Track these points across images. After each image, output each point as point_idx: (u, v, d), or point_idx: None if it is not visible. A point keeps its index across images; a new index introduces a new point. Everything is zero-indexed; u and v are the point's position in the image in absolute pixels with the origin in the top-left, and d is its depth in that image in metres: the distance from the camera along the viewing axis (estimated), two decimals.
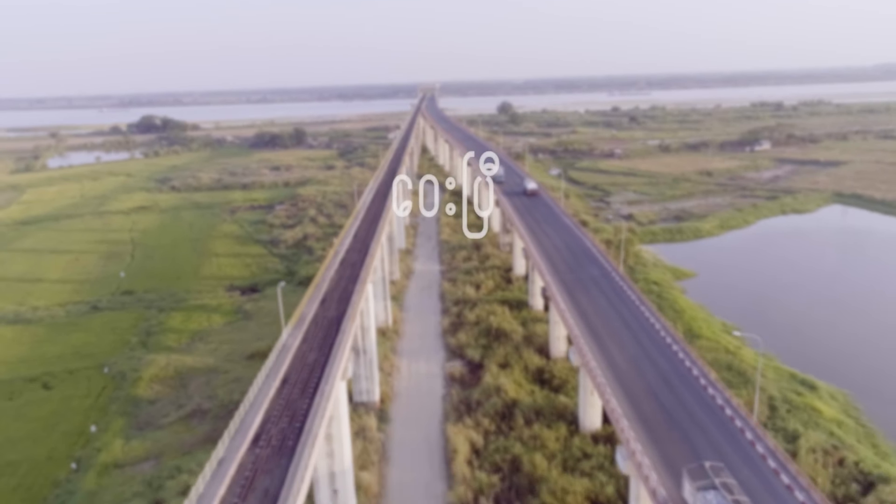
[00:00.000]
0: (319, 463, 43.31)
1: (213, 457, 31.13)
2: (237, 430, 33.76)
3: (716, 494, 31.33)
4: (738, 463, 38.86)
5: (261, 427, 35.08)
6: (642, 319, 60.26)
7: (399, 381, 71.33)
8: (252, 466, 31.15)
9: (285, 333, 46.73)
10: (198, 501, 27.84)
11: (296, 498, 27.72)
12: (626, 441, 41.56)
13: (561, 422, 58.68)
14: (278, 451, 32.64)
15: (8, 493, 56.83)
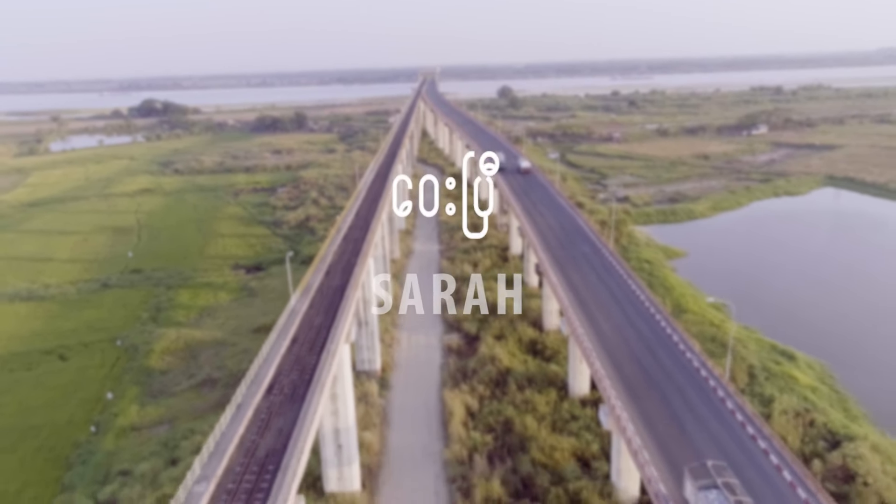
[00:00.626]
0: (325, 420, 46.94)
1: (232, 402, 34.77)
2: (253, 381, 37.41)
3: (718, 494, 30.67)
4: (709, 417, 42.53)
5: (274, 378, 38.71)
6: (629, 292, 63.71)
7: (399, 352, 74.94)
8: (267, 410, 34.78)
9: (294, 299, 50.22)
10: (221, 437, 31.43)
11: (306, 435, 31.32)
12: (608, 399, 45.18)
13: (551, 388, 62.31)
14: (290, 398, 36.24)
15: (32, 454, 60.63)
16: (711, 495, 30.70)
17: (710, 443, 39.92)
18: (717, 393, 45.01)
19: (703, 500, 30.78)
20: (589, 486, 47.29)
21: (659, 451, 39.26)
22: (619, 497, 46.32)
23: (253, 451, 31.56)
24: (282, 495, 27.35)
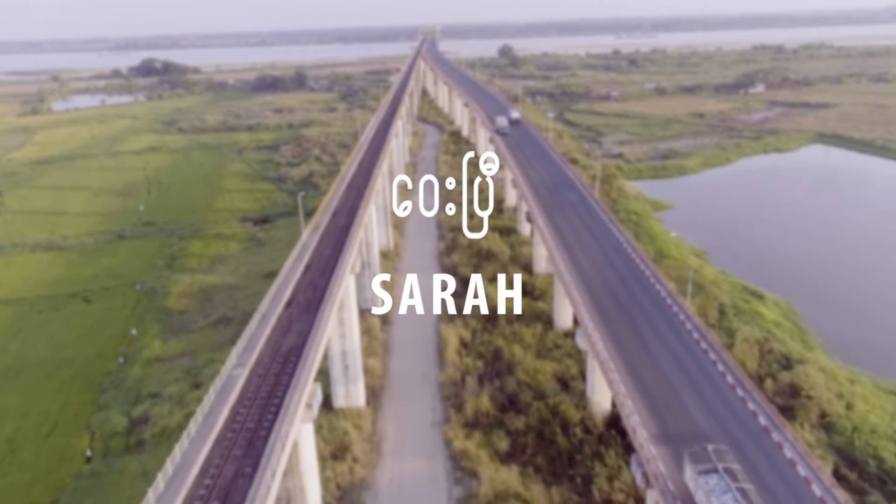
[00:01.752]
0: (333, 343, 53.07)
1: (258, 312, 40.70)
2: (274, 297, 43.34)
3: (718, 479, 29.69)
4: (669, 334, 48.57)
5: (292, 296, 44.66)
6: (609, 235, 69.30)
7: (400, 291, 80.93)
8: (287, 318, 40.77)
9: (305, 234, 55.88)
10: (251, 338, 37.42)
11: (321, 336, 37.28)
12: (583, 323, 51.11)
13: (538, 322, 68.44)
14: (306, 310, 42.18)
15: (68, 381, 67.15)
16: (712, 480, 29.59)
17: (669, 356, 45.97)
18: (679, 317, 50.96)
19: (703, 485, 29.63)
20: (567, 401, 53.61)
21: (624, 364, 45.27)
22: (593, 409, 52.64)
23: (277, 347, 37.58)
24: (302, 378, 33.39)
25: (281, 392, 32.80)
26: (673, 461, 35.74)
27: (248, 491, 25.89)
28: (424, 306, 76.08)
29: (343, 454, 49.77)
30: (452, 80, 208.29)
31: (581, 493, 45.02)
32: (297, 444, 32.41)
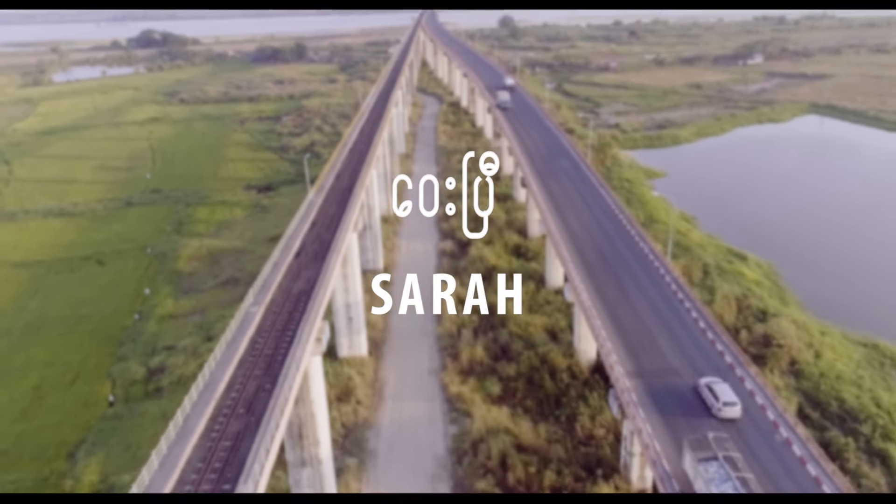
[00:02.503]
0: (337, 296, 56.87)
1: (270, 261, 44.41)
2: (284, 248, 47.03)
3: (718, 467, 29.42)
4: (649, 286, 52.38)
5: (300, 247, 48.36)
6: (599, 198, 72.75)
7: (399, 255, 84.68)
8: (297, 266, 44.48)
9: (311, 194, 59.37)
10: (264, 282, 41.20)
11: (329, 281, 41.01)
12: (570, 277, 54.86)
13: (531, 281, 72.20)
14: (314, 259, 45.88)
15: (88, 335, 71.19)
16: (712, 468, 29.42)
17: (648, 305, 49.82)
18: (660, 271, 54.71)
19: (702, 473, 29.45)
20: (555, 350, 57.65)
21: (606, 311, 49.13)
22: (579, 358, 56.69)
23: (289, 290, 41.32)
24: (312, 315, 37.18)
25: (294, 326, 36.63)
26: (646, 394, 39.74)
27: (268, 401, 29.83)
28: (423, 268, 79.79)
29: (347, 397, 53.92)
30: (452, 51, 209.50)
31: (566, 429, 49.15)
32: (308, 374, 36.30)
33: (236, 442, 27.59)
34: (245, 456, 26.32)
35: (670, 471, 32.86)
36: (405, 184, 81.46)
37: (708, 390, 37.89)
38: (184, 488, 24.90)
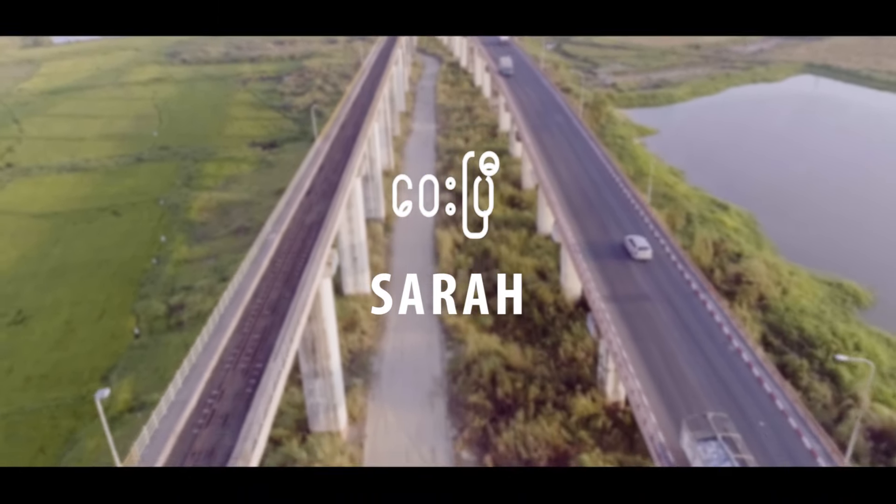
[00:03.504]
0: (342, 236, 61.72)
1: (283, 198, 49.19)
2: (296, 187, 51.78)
3: (717, 447, 29.21)
4: (629, 225, 57.21)
5: (310, 187, 53.13)
6: (589, 151, 77.07)
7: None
8: (308, 202, 49.32)
9: (318, 142, 63.80)
10: (280, 216, 46.09)
11: (336, 213, 45.89)
12: (557, 218, 59.62)
13: (523, 228, 77.03)
14: (322, 197, 50.70)
15: (110, 278, 76.37)
16: (710, 448, 29.32)
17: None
18: (640, 214, 59.47)
19: (700, 454, 29.31)
20: (544, 287, 62.78)
21: (588, 247, 54.05)
22: (565, 294, 61.83)
23: (302, 222, 46.17)
24: (323, 241, 42.12)
25: (307, 251, 41.52)
26: (619, 317, 44.84)
27: (289, 305, 34.90)
28: (422, 218, 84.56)
29: (353, 328, 59.26)
30: None
31: (550, 353, 54.52)
32: (320, 294, 41.30)
33: (264, 335, 32.78)
34: (273, 343, 31.51)
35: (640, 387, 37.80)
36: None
37: (629, 242, 51.88)
38: (224, 367, 30.14)
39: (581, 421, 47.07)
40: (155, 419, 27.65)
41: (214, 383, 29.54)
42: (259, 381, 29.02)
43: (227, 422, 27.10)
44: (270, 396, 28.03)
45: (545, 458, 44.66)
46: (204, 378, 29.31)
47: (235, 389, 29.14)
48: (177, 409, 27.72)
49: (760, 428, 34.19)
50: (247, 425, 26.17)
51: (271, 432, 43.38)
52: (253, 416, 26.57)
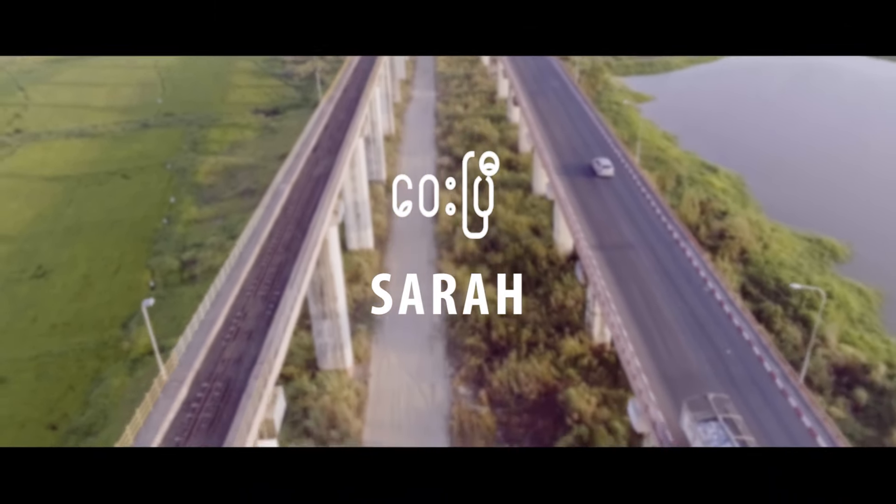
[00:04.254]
0: (346, 194, 64.85)
1: (292, 153, 52.43)
2: (303, 143, 54.98)
3: (717, 428, 28.83)
4: (617, 182, 60.43)
5: (317, 143, 56.36)
6: (583, 115, 79.92)
7: (400, 168, 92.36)
8: (315, 157, 52.58)
9: (323, 103, 66.74)
10: (289, 168, 49.41)
11: (342, 167, 49.09)
12: (550, 176, 62.84)
13: (519, 189, 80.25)
14: (327, 153, 53.93)
15: (123, 236, 79.80)
16: (710, 429, 29.00)
17: (613, 196, 58.04)
18: (628, 171, 62.67)
19: (700, 434, 29.09)
20: (537, 242, 66.29)
21: (578, 201, 57.34)
22: (558, 249, 65.32)
23: (310, 174, 49.48)
24: (329, 191, 45.46)
25: (315, 199, 44.88)
26: (605, 263, 48.31)
27: (301, 244, 38.41)
28: (421, 175, 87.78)
29: (357, 280, 62.88)
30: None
31: (542, 301, 58.19)
32: (327, 241, 44.74)
33: (280, 269, 36.34)
34: (288, 275, 35.10)
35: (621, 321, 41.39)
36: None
37: (595, 162, 61.25)
38: (245, 294, 33.74)
39: (569, 360, 50.96)
40: (189, 333, 31.28)
41: (238, 307, 33.23)
42: (277, 305, 32.67)
43: (252, 336, 30.80)
44: (288, 317, 31.68)
45: (535, 392, 48.66)
46: (228, 303, 32.93)
47: (257, 312, 32.80)
48: (206, 327, 31.33)
49: (727, 355, 37.92)
50: (268, 339, 29.86)
51: (283, 369, 47.37)
52: (274, 331, 30.27)
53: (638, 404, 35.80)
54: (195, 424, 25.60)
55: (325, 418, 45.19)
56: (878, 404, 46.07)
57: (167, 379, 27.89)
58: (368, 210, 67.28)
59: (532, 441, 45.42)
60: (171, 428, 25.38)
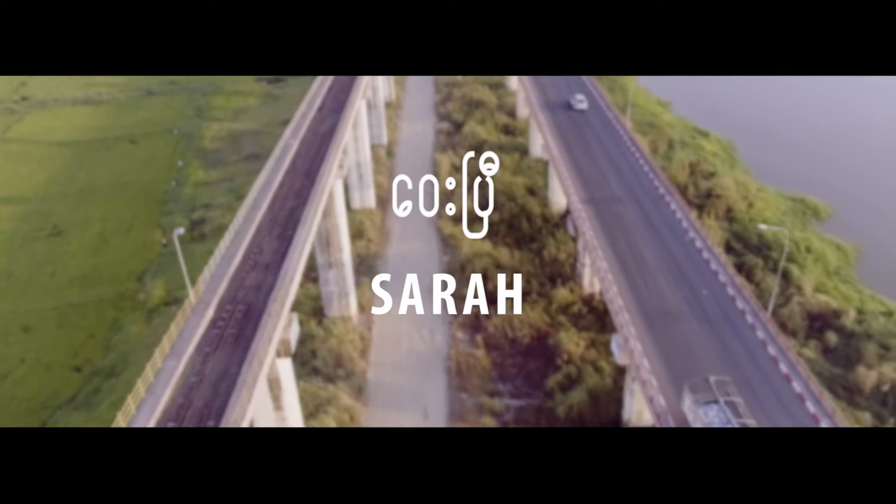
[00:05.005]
0: (349, 155, 67.71)
1: (298, 112, 55.21)
2: (308, 104, 57.75)
3: (718, 410, 28.83)
4: (609, 142, 63.31)
5: (321, 104, 59.15)
6: (578, 80, 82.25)
7: (401, 133, 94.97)
8: (320, 116, 55.46)
9: None
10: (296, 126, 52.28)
11: (346, 124, 51.96)
12: (544, 136, 65.58)
13: (516, 152, 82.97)
14: (333, 112, 56.81)
15: (134, 198, 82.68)
16: (711, 412, 29.05)
17: (604, 156, 60.95)
18: (619, 132, 65.44)
19: (701, 417, 29.12)
20: (533, 201, 69.32)
21: (570, 160, 60.23)
22: (552, 207, 68.36)
23: (316, 131, 52.43)
24: (335, 147, 48.44)
25: (322, 153, 47.81)
26: (594, 216, 51.36)
27: (310, 191, 41.51)
28: (421, 141, 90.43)
29: (360, 236, 66.02)
30: None
31: (536, 255, 61.41)
32: (333, 193, 47.75)
33: (291, 212, 39.48)
34: (299, 217, 38.27)
35: (607, 266, 44.57)
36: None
37: (572, 98, 69.34)
38: (260, 234, 36.94)
39: (560, 308, 54.34)
40: (212, 264, 34.49)
41: (255, 244, 36.38)
42: (290, 242, 35.81)
43: (269, 268, 33.97)
44: (301, 251, 34.84)
45: (528, 337, 52.10)
46: (246, 240, 36.07)
47: (272, 248, 35.96)
48: (227, 260, 34.53)
49: (703, 295, 41.22)
50: (284, 269, 33.11)
51: None
52: (288, 264, 33.46)
53: (620, 339, 39.20)
54: (222, 339, 28.97)
55: (332, 358, 48.71)
56: (847, 346, 49.48)
57: (195, 301, 31.15)
58: (370, 171, 70.14)
59: (524, 380, 48.96)
60: (201, 341, 28.70)
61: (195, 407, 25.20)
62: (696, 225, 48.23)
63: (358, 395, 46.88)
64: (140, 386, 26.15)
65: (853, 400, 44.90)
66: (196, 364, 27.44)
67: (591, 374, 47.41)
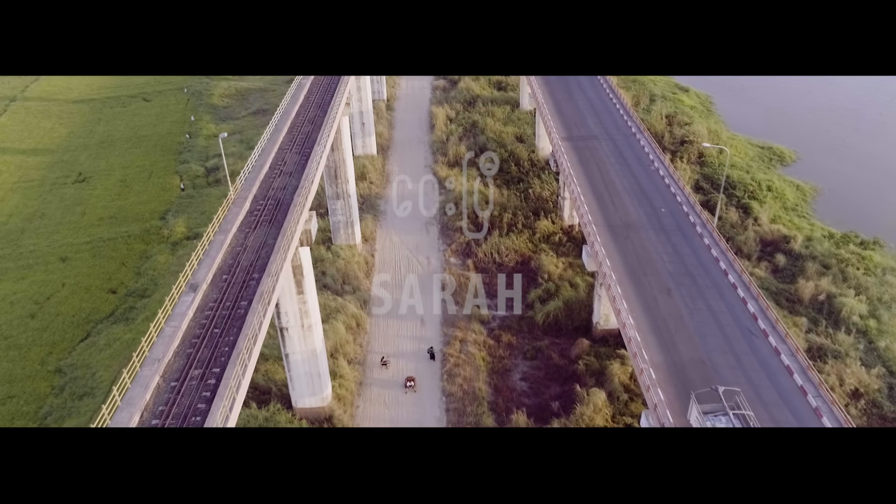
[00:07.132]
0: (352, 104, 73.55)
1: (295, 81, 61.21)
2: None
3: (727, 422, 27.90)
4: (591, 92, 69.22)
5: None
6: None
7: (400, 90, 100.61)
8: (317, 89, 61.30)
9: None
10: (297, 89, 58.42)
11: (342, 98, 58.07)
12: (532, 90, 71.44)
13: (507, 105, 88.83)
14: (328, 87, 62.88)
15: (151, 148, 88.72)
16: (720, 424, 28.12)
17: (586, 103, 66.95)
18: (602, 85, 71.35)
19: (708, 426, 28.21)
20: (521, 147, 75.44)
21: (555, 106, 66.32)
22: (539, 153, 74.52)
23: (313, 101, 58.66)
24: (342, 86, 54.50)
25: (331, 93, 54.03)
26: (572, 150, 57.58)
27: (323, 119, 47.82)
28: (419, 95, 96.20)
29: (363, 178, 72.29)
30: None
31: (522, 193, 67.75)
32: (340, 129, 53.84)
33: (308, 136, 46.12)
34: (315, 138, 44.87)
35: (580, 190, 50.95)
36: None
37: None
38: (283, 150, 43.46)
39: (543, 237, 60.90)
40: (244, 173, 40.94)
41: (279, 158, 42.86)
42: (309, 156, 42.19)
43: (293, 174, 40.46)
44: (318, 162, 41.23)
45: (513, 262, 58.68)
46: (271, 155, 42.47)
47: (294, 161, 42.41)
48: (257, 170, 41.02)
49: (662, 212, 47.75)
50: (305, 174, 39.64)
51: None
52: (307, 170, 39.94)
53: (588, 248, 45.81)
54: (258, 223, 35.66)
55: (340, 276, 55.37)
56: (794, 266, 56.12)
57: (234, 197, 37.67)
58: (372, 119, 76.12)
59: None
60: (242, 223, 35.50)
61: (242, 265, 32.10)
62: (658, 153, 54.54)
63: (363, 306, 53.63)
64: (200, 249, 32.93)
65: (794, 309, 51.60)
66: (240, 238, 34.38)
67: (568, 288, 54.04)
